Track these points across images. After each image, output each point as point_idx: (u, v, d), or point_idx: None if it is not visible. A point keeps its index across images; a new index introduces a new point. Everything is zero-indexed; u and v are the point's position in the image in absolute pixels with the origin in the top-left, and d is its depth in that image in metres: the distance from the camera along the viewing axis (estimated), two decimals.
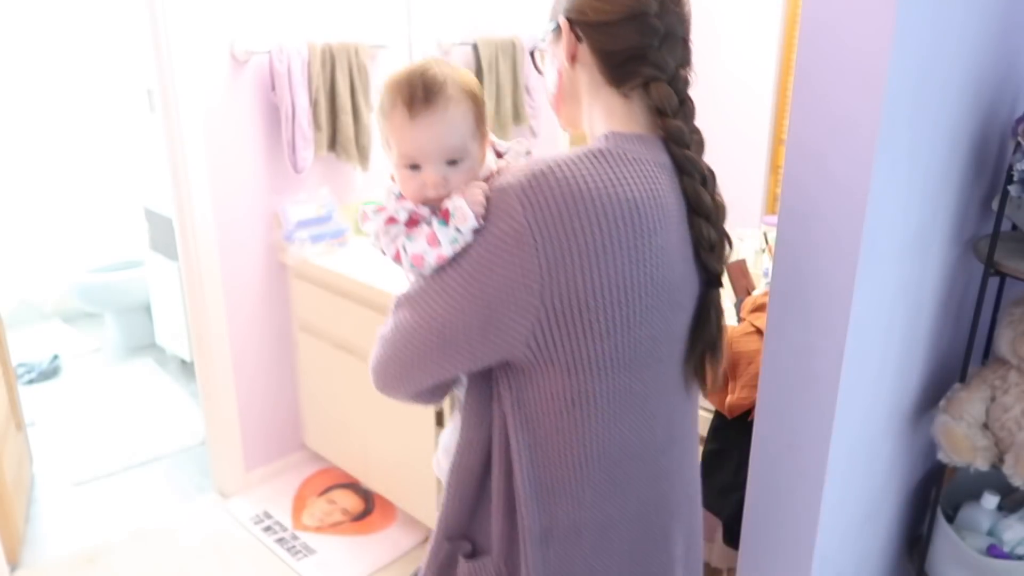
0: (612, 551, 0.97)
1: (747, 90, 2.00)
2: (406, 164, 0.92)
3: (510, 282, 0.83)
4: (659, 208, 0.87)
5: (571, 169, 0.83)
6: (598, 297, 0.84)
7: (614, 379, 0.89)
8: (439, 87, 0.90)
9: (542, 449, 0.92)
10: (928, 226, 1.17)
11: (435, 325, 0.89)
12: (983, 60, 1.16)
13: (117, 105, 4.14)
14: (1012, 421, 1.24)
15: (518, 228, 0.82)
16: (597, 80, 0.94)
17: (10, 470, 2.39)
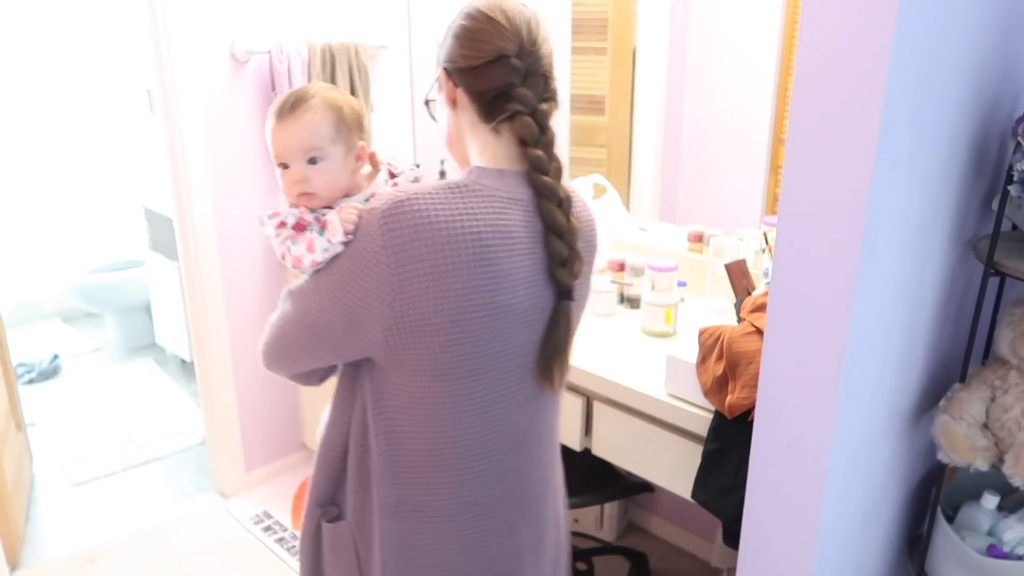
0: (456, 535, 1.09)
1: (747, 90, 2.00)
2: (278, 164, 1.08)
3: (368, 293, 0.96)
4: (504, 238, 0.99)
5: (425, 200, 0.95)
6: (440, 315, 0.96)
7: (457, 385, 1.01)
8: (305, 101, 1.07)
9: (396, 437, 1.05)
10: (928, 226, 1.17)
11: (308, 320, 1.03)
12: (983, 60, 1.16)
13: (117, 105, 4.15)
14: (1012, 421, 1.24)
15: (375, 248, 0.94)
16: (474, 119, 1.06)
17: (10, 470, 2.39)
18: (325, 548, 1.16)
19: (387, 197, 0.96)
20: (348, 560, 1.14)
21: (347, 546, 1.14)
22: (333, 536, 1.14)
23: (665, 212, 2.30)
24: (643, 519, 2.47)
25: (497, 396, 1.05)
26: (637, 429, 1.58)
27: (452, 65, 1.05)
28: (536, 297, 1.03)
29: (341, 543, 1.14)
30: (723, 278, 1.78)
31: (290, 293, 1.07)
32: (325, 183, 1.07)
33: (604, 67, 2.34)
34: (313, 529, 1.17)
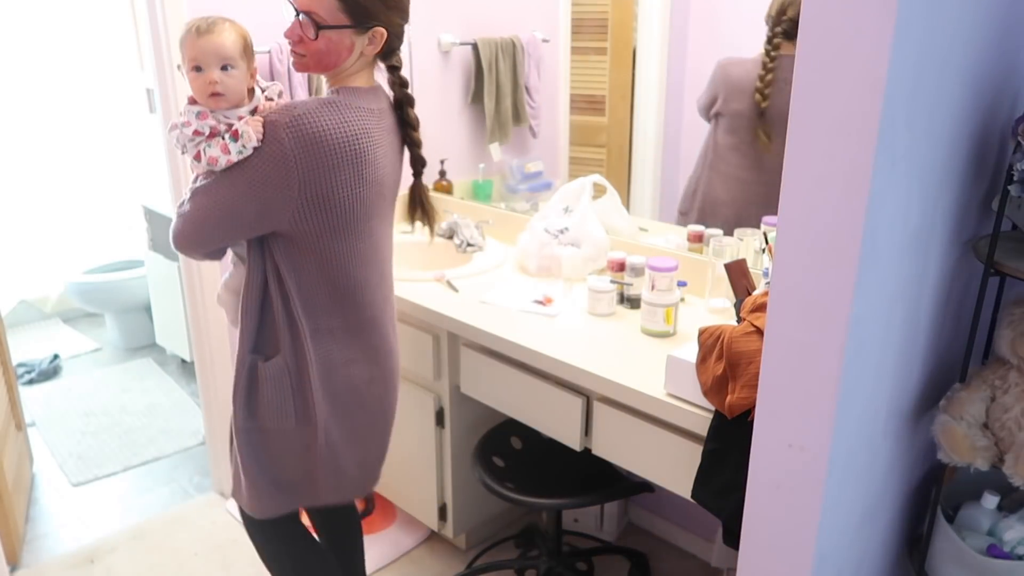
0: (355, 344, 1.53)
1: None
2: (192, 67, 1.37)
3: (279, 184, 1.33)
4: (369, 138, 1.40)
5: (316, 114, 1.32)
6: (334, 195, 1.36)
7: (345, 242, 1.43)
8: (222, 23, 1.37)
9: (306, 284, 1.44)
10: (928, 226, 1.17)
11: (227, 208, 1.37)
12: (983, 60, 1.16)
13: (117, 105, 4.14)
14: (1012, 421, 1.24)
15: (284, 151, 1.31)
16: (366, 60, 1.45)
17: (10, 470, 2.39)
18: (262, 385, 1.47)
19: (283, 112, 1.32)
20: (284, 387, 1.48)
21: (283, 375, 1.48)
22: (272, 370, 1.47)
23: (665, 212, 2.30)
24: (643, 519, 2.47)
25: (376, 247, 1.51)
26: (637, 429, 1.58)
27: (391, 28, 1.43)
28: (398, 173, 1.55)
29: (278, 374, 1.47)
30: (723, 278, 1.78)
31: (201, 190, 1.39)
32: (232, 88, 1.37)
33: (604, 67, 2.34)
34: (248, 372, 1.48)
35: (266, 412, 1.50)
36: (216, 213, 1.38)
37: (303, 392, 1.49)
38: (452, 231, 2.45)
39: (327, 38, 1.38)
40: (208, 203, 1.38)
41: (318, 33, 1.37)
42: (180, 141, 1.39)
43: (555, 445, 1.88)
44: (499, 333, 1.80)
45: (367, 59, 1.45)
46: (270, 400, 1.49)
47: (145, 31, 2.29)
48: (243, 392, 1.49)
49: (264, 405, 1.49)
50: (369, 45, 1.42)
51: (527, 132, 2.61)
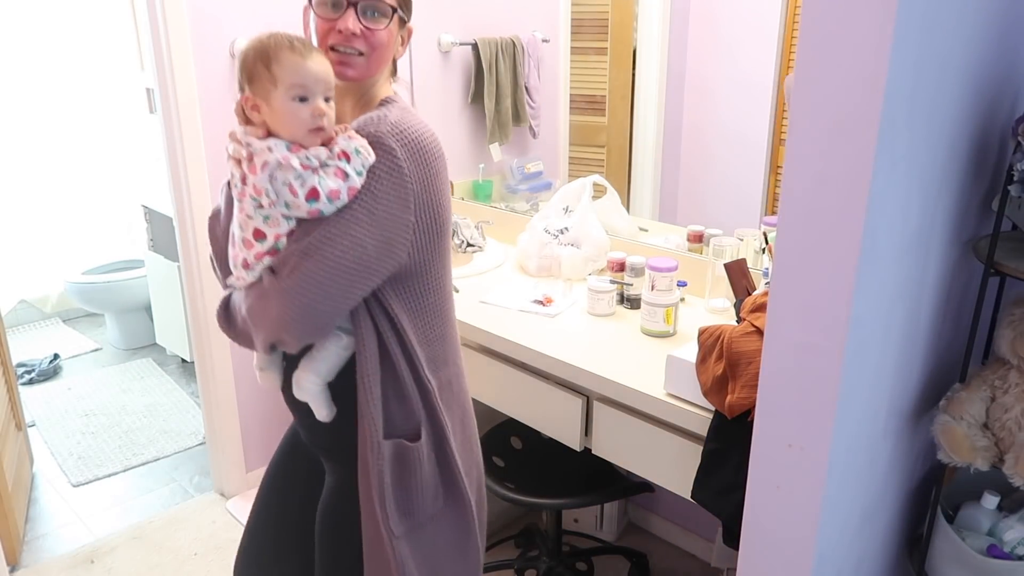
0: (463, 391, 1.33)
1: (747, 90, 2.00)
2: (295, 96, 1.08)
3: (399, 205, 1.09)
4: None
5: (408, 119, 1.12)
6: (440, 208, 1.15)
7: (445, 265, 1.22)
8: (305, 43, 1.11)
9: (426, 330, 1.20)
10: (928, 226, 1.17)
11: (354, 252, 1.06)
12: (983, 60, 1.16)
13: (117, 105, 4.15)
14: (1012, 421, 1.24)
15: (398, 163, 1.08)
16: (388, 67, 1.26)
17: (10, 470, 2.39)
18: (416, 471, 1.20)
19: (370, 123, 1.10)
20: (433, 467, 1.24)
21: (430, 449, 1.23)
22: (425, 451, 1.21)
23: (665, 212, 2.30)
24: (643, 519, 2.47)
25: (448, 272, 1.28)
26: (637, 429, 1.58)
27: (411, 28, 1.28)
28: None
29: (429, 453, 1.22)
30: (723, 278, 1.78)
31: (304, 251, 1.06)
32: (331, 123, 1.10)
33: (604, 67, 2.34)
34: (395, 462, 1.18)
35: (421, 502, 1.23)
36: (345, 263, 1.06)
37: (448, 464, 1.25)
38: (452, 231, 2.45)
39: (389, 29, 1.20)
40: (330, 255, 1.05)
41: (394, 17, 1.19)
42: (276, 183, 1.05)
43: (555, 445, 1.87)
44: (499, 333, 1.80)
45: (389, 67, 1.27)
46: (425, 486, 1.22)
47: (145, 31, 2.29)
48: (394, 489, 1.19)
49: (418, 493, 1.22)
50: (402, 45, 1.26)
51: (527, 132, 2.61)
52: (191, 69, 2.20)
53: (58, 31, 3.92)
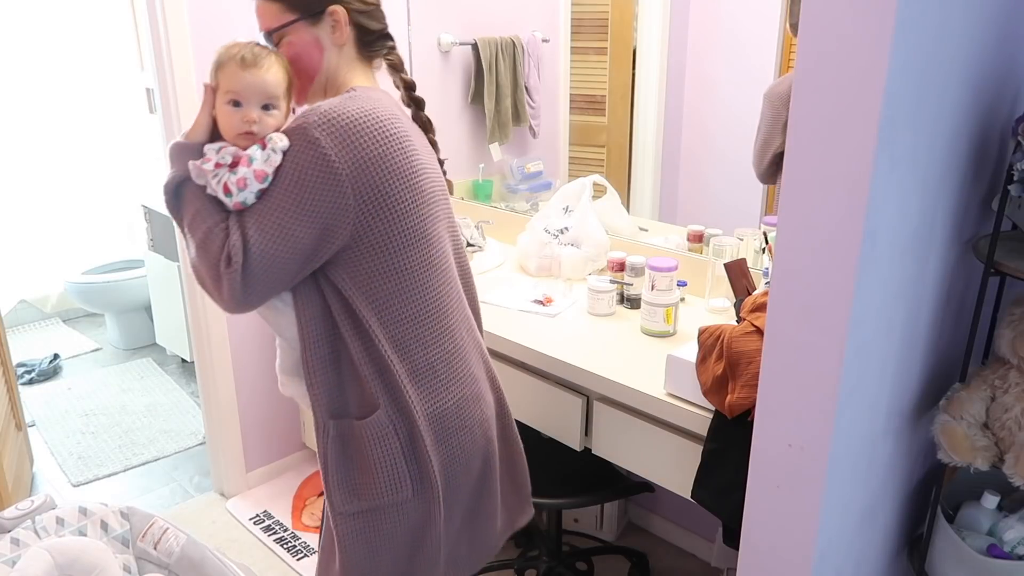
0: (461, 381, 1.29)
1: (747, 90, 2.00)
2: (230, 100, 1.18)
3: (330, 191, 1.11)
4: (401, 123, 1.20)
5: (344, 106, 1.13)
6: (390, 189, 1.15)
7: (417, 248, 1.21)
8: (268, 56, 1.19)
9: (390, 312, 1.19)
10: (928, 226, 1.17)
11: (284, 242, 1.12)
12: (983, 60, 1.16)
13: (117, 105, 4.15)
14: (1012, 421, 1.24)
15: (323, 151, 1.10)
16: (353, 56, 1.28)
17: (10, 470, 2.39)
18: (365, 448, 1.21)
19: (303, 115, 1.13)
20: (392, 448, 1.21)
21: (388, 433, 1.21)
22: (373, 428, 1.20)
23: (665, 212, 2.30)
24: (643, 519, 2.47)
25: (446, 256, 1.30)
26: (637, 429, 1.58)
27: (350, 5, 1.24)
28: (438, 170, 1.31)
29: (381, 432, 1.21)
30: (723, 278, 1.78)
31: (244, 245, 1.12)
32: (268, 130, 1.18)
33: (604, 67, 2.34)
34: (338, 439, 1.23)
35: (375, 484, 1.22)
36: (281, 255, 1.13)
37: (416, 450, 1.23)
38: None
39: (289, 43, 1.23)
40: (265, 242, 1.12)
41: (271, 39, 1.24)
42: (202, 179, 1.17)
43: (555, 445, 1.87)
44: (499, 333, 1.80)
45: (352, 55, 1.27)
46: (378, 466, 1.21)
47: (145, 31, 2.29)
48: (336, 467, 1.23)
49: (370, 475, 1.22)
50: (335, 33, 1.24)
51: (527, 132, 2.61)
52: (191, 69, 2.20)
53: (58, 31, 3.92)
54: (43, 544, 1.62)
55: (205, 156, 1.17)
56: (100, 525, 1.74)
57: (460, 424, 1.28)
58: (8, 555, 1.58)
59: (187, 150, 1.20)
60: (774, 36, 1.90)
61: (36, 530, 1.66)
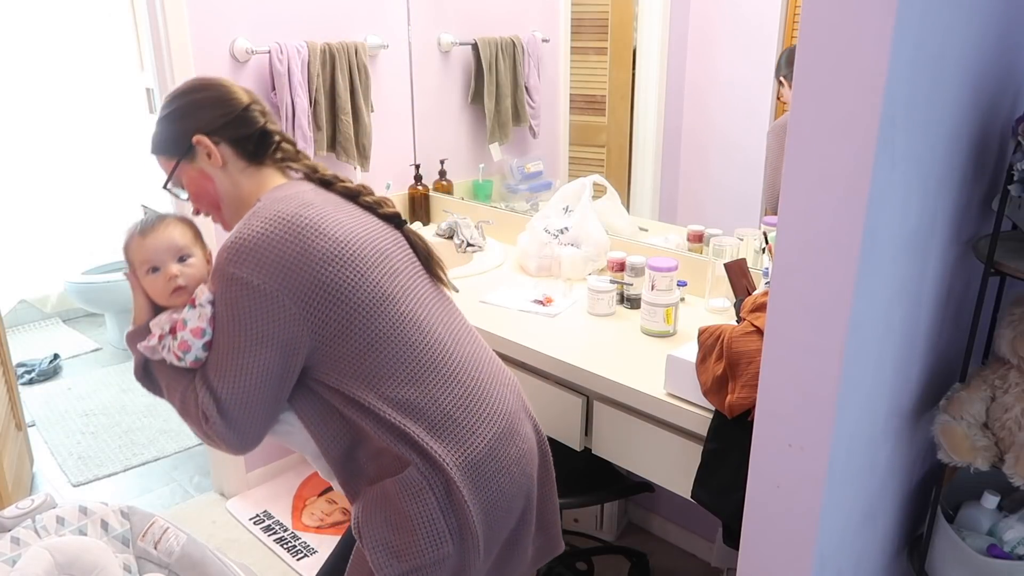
0: (483, 420, 1.24)
1: (747, 90, 2.00)
2: (148, 270, 1.26)
3: (270, 311, 1.12)
4: (314, 207, 1.19)
5: (245, 229, 1.14)
6: (326, 276, 1.14)
7: (386, 310, 1.18)
8: (165, 218, 1.28)
9: (387, 382, 1.17)
10: (928, 226, 1.17)
11: (255, 382, 1.14)
12: (983, 59, 1.16)
13: (117, 105, 4.15)
14: (1012, 421, 1.24)
15: (245, 279, 1.11)
16: (241, 166, 1.27)
17: (10, 470, 2.39)
18: (403, 505, 1.16)
19: (217, 257, 1.15)
20: (429, 502, 1.16)
21: (423, 487, 1.16)
22: (408, 482, 1.16)
23: (665, 212, 2.30)
24: (643, 519, 2.47)
25: (425, 305, 1.26)
26: (637, 429, 1.58)
27: (209, 127, 1.24)
28: (383, 233, 1.27)
29: (417, 485, 1.16)
30: (723, 278, 1.78)
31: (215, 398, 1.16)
32: (195, 277, 1.25)
33: (604, 67, 2.34)
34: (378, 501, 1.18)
35: (415, 544, 1.15)
36: (252, 391, 1.15)
37: (454, 503, 1.17)
38: (452, 231, 2.45)
39: (187, 184, 1.28)
40: (236, 386, 1.15)
41: (174, 188, 1.31)
42: (156, 354, 1.23)
43: (555, 445, 1.87)
44: (499, 333, 1.80)
45: (242, 168, 1.26)
46: (417, 524, 1.15)
47: (145, 31, 2.29)
48: (379, 531, 1.17)
49: (410, 534, 1.15)
50: (211, 159, 1.25)
51: (527, 132, 2.61)
52: (191, 69, 2.20)
53: (58, 31, 3.92)
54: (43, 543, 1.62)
55: (151, 333, 1.23)
56: (100, 524, 1.73)
57: (496, 467, 1.23)
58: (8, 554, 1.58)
59: (137, 335, 1.27)
60: (774, 36, 1.90)
61: (36, 529, 1.66)
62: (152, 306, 1.28)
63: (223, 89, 1.27)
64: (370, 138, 2.48)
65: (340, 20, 2.45)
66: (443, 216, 2.58)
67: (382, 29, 2.55)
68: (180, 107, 1.26)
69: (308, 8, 2.38)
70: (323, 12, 2.41)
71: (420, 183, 2.71)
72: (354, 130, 2.43)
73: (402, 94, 2.68)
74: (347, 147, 2.43)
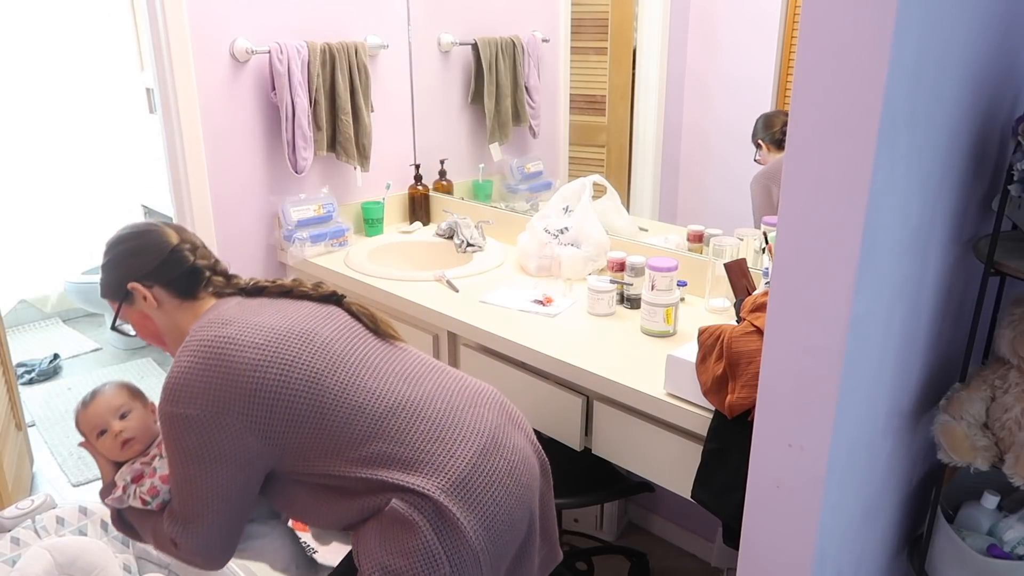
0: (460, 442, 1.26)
1: (747, 90, 2.00)
2: (97, 434, 1.42)
3: (214, 440, 1.18)
4: (233, 324, 1.26)
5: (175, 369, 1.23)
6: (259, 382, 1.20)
7: (330, 388, 1.23)
8: (98, 388, 1.47)
9: (342, 451, 1.21)
10: (928, 226, 1.17)
11: (219, 505, 1.21)
12: (983, 59, 1.16)
13: (117, 105, 4.15)
14: (1012, 421, 1.24)
15: (182, 415, 1.18)
16: (177, 303, 1.37)
17: (10, 470, 2.39)
18: (394, 530, 1.17)
19: (161, 391, 1.22)
20: (419, 523, 1.16)
21: (410, 512, 1.17)
22: (396, 514, 1.17)
23: (665, 212, 2.30)
24: (643, 519, 2.47)
25: (371, 368, 1.29)
26: (637, 429, 1.58)
27: (140, 275, 1.35)
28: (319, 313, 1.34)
29: (404, 513, 1.17)
30: (723, 278, 1.78)
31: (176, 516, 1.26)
32: (139, 428, 1.42)
33: (604, 67, 2.34)
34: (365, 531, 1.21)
35: (412, 567, 1.15)
36: (218, 514, 1.22)
37: (447, 522, 1.17)
38: (452, 231, 2.45)
39: (132, 324, 1.43)
40: (202, 520, 1.22)
41: (115, 328, 1.45)
42: (123, 503, 1.36)
43: (555, 445, 1.88)
44: (499, 333, 1.80)
45: (177, 305, 1.37)
46: (412, 547, 1.16)
47: (145, 31, 2.29)
48: (376, 555, 1.18)
49: (406, 558, 1.16)
50: (147, 302, 1.36)
51: (527, 132, 2.61)
52: (191, 69, 2.20)
53: (58, 31, 3.92)
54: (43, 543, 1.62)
55: (116, 486, 1.38)
56: (100, 525, 1.73)
57: (486, 481, 1.23)
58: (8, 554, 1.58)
59: (106, 490, 1.41)
60: (774, 36, 1.90)
61: (36, 529, 1.66)
62: (113, 464, 1.43)
63: (151, 236, 1.37)
64: (370, 138, 2.48)
65: (340, 20, 2.45)
66: (443, 216, 2.59)
67: (382, 29, 2.55)
68: (113, 257, 1.38)
69: (308, 8, 2.38)
70: (323, 12, 2.41)
71: (420, 183, 2.71)
72: (354, 130, 2.43)
73: (402, 94, 2.68)
74: (347, 147, 2.43)
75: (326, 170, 2.53)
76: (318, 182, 2.51)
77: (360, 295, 2.19)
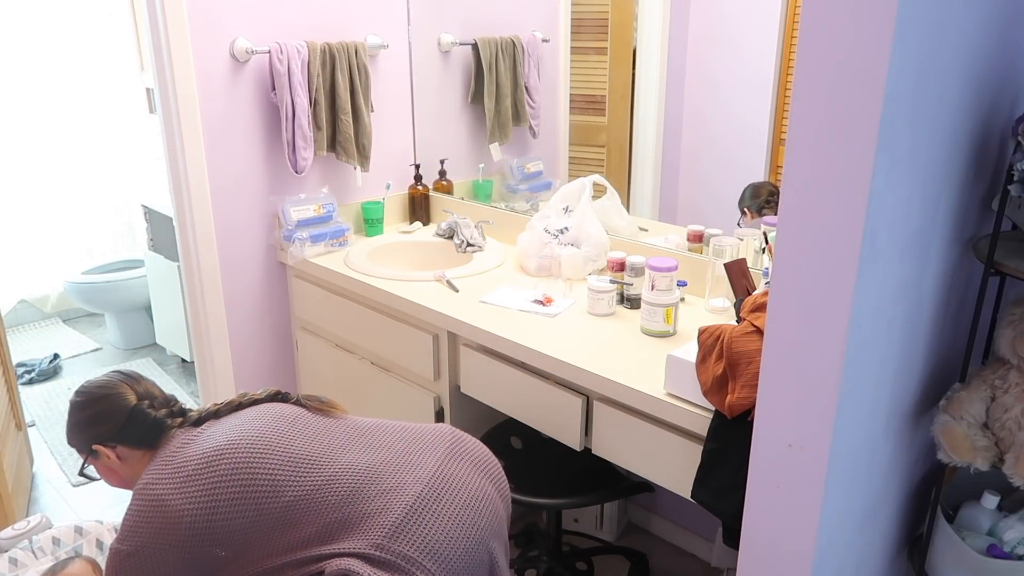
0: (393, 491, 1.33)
1: (747, 90, 2.00)
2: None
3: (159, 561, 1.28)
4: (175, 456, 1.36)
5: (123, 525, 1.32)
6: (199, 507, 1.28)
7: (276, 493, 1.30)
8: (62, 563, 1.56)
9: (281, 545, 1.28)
10: (928, 226, 1.17)
11: None
12: (983, 59, 1.16)
13: (117, 105, 4.15)
14: (1012, 421, 1.24)
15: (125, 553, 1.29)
16: (137, 455, 1.43)
17: (10, 470, 2.39)
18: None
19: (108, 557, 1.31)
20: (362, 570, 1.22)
21: (348, 569, 1.22)
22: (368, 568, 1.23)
23: (665, 212, 2.30)
24: (643, 519, 2.47)
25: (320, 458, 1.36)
26: (637, 429, 1.58)
27: (103, 438, 1.42)
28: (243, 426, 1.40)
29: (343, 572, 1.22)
30: (723, 278, 1.78)
31: None
32: None
33: (604, 67, 2.34)
34: None
35: None
36: None
37: (385, 566, 1.23)
38: (452, 231, 2.45)
39: (99, 473, 1.50)
40: None
41: (83, 474, 1.50)
42: None
43: (555, 445, 1.87)
44: (499, 333, 1.80)
45: (139, 456, 1.43)
46: None
47: (145, 31, 2.29)
48: None
49: None
50: (111, 459, 1.44)
51: (527, 132, 2.61)
52: (191, 69, 2.20)
53: (58, 31, 3.92)
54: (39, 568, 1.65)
55: None
56: (96, 544, 1.75)
57: (433, 517, 1.30)
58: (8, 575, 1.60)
59: None
60: (774, 36, 1.90)
61: (33, 550, 1.67)
62: None
63: (110, 401, 1.43)
64: (370, 138, 2.48)
65: (340, 20, 2.45)
66: (443, 216, 2.59)
67: (382, 29, 2.55)
68: (76, 423, 1.45)
69: (308, 8, 2.38)
70: (323, 12, 2.41)
71: (420, 183, 2.71)
72: (354, 130, 2.43)
73: (402, 94, 2.68)
74: (347, 147, 2.43)
75: (326, 170, 2.53)
76: (318, 182, 2.51)
77: (360, 295, 2.19)
